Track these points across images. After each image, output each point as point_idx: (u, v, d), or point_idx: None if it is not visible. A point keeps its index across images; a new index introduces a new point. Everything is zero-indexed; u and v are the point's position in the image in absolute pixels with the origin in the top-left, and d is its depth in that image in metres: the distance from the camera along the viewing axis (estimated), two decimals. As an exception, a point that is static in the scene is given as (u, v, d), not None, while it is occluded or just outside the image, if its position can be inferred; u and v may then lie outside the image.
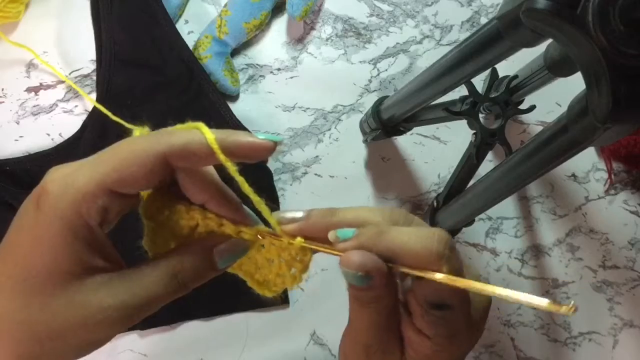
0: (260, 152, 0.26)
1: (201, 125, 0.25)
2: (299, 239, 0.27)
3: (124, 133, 0.27)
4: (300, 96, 0.62)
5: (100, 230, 0.25)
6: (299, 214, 0.27)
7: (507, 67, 0.53)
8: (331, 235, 0.26)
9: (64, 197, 0.23)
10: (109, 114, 0.54)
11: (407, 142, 0.62)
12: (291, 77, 0.62)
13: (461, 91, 0.51)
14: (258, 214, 0.27)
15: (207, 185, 0.27)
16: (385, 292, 0.25)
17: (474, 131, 0.52)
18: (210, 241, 0.27)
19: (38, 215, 0.24)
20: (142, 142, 0.25)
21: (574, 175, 0.64)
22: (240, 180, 0.25)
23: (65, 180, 0.24)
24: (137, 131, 0.28)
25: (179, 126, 0.27)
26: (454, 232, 0.55)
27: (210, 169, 0.28)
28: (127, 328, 0.26)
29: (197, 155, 0.25)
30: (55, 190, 0.24)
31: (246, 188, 0.25)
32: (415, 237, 0.24)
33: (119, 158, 0.24)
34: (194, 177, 0.27)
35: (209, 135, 0.25)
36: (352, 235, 0.25)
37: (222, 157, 0.25)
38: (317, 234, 0.27)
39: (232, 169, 0.25)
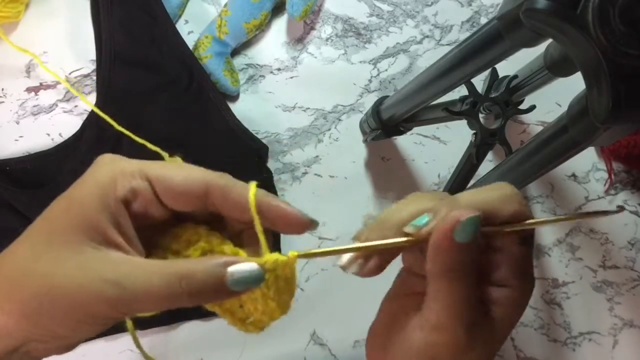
0: (293, 226, 0.27)
1: (253, 183, 0.27)
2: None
3: (124, 134, 0.28)
4: (300, 96, 0.62)
5: (125, 210, 0.26)
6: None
7: (507, 67, 0.53)
8: (408, 229, 0.26)
9: (107, 168, 0.26)
10: (107, 118, 0.54)
11: (407, 142, 0.62)
12: (291, 77, 0.62)
13: (461, 91, 0.51)
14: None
15: (246, 222, 0.28)
16: (476, 255, 0.26)
17: (474, 131, 0.52)
18: (226, 259, 0.26)
19: (81, 181, 0.26)
20: (194, 167, 0.28)
21: (574, 175, 0.64)
22: (262, 239, 0.26)
23: (115, 159, 0.27)
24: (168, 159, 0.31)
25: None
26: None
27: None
28: (116, 322, 0.26)
29: (234, 201, 0.27)
30: (102, 162, 0.27)
31: (264, 246, 0.26)
32: (487, 193, 0.26)
33: (168, 166, 0.27)
34: (235, 217, 0.28)
35: (252, 190, 0.26)
36: (428, 220, 0.26)
37: (254, 212, 0.26)
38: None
39: (258, 226, 0.26)
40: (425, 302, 0.27)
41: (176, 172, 0.27)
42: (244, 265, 0.25)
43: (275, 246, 0.27)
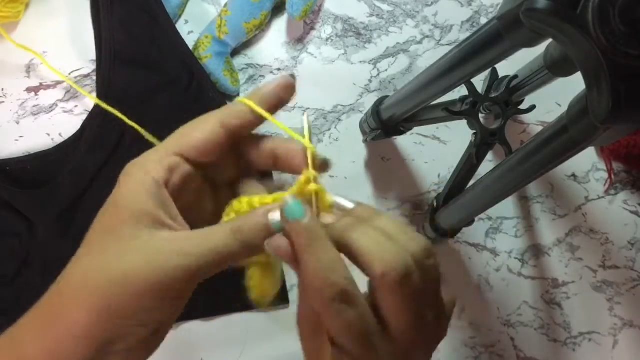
0: (285, 90, 0.31)
1: (241, 98, 0.31)
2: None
3: (125, 134, 0.28)
4: (300, 96, 0.62)
5: (167, 191, 0.28)
6: (350, 205, 0.29)
7: (507, 67, 0.53)
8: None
9: (137, 167, 0.28)
10: (113, 110, 0.54)
11: (407, 142, 0.62)
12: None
13: (461, 91, 0.51)
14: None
15: (269, 140, 0.32)
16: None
17: (474, 131, 0.52)
18: (265, 208, 0.28)
19: (117, 189, 0.28)
20: (202, 117, 0.30)
21: (574, 175, 0.64)
22: (280, 124, 0.31)
23: (138, 159, 0.29)
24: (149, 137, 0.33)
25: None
26: (454, 232, 0.55)
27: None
28: (189, 294, 0.27)
29: (244, 116, 0.30)
30: (131, 167, 0.28)
31: (286, 129, 0.31)
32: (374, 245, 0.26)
33: (183, 131, 0.30)
34: (255, 141, 0.32)
35: (246, 100, 0.30)
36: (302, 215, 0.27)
37: (258, 109, 0.30)
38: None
39: (269, 116, 0.30)
40: None
41: (194, 131, 0.29)
42: (280, 204, 0.28)
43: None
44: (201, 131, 0.29)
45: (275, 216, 0.27)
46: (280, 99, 0.31)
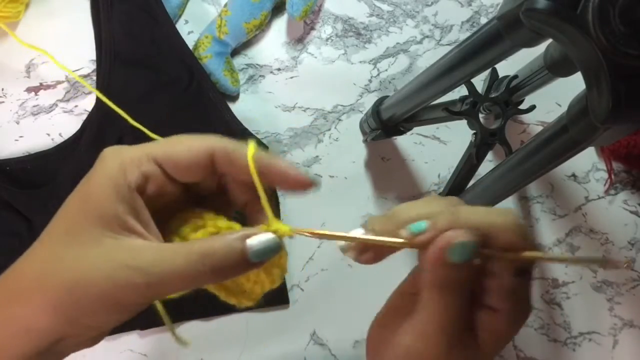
0: (294, 183, 0.28)
1: (252, 141, 0.28)
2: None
3: (125, 134, 0.28)
4: (300, 96, 0.62)
5: (139, 196, 0.27)
6: (359, 232, 0.27)
7: (507, 67, 0.53)
8: (404, 234, 0.26)
9: (114, 159, 0.26)
10: (116, 108, 0.54)
11: (407, 142, 0.62)
12: (291, 77, 0.62)
13: (461, 91, 0.51)
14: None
15: (251, 189, 0.29)
16: (471, 274, 0.26)
17: (474, 131, 0.52)
18: (243, 232, 0.26)
19: (90, 176, 0.26)
20: (194, 136, 0.28)
21: (574, 175, 0.64)
22: (262, 197, 0.27)
23: (119, 149, 0.27)
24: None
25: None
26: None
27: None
28: (145, 308, 0.26)
29: (237, 163, 0.28)
30: (108, 155, 0.27)
31: (266, 206, 0.27)
32: (490, 217, 0.26)
33: (170, 142, 0.28)
34: (240, 180, 0.29)
35: (251, 150, 0.27)
36: (426, 227, 0.25)
37: (253, 171, 0.27)
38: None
39: (258, 184, 0.27)
40: (417, 308, 0.27)
41: (180, 147, 0.28)
42: (261, 236, 0.26)
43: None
44: (189, 151, 0.27)
45: (255, 243, 0.25)
46: (281, 182, 0.28)
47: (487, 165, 0.61)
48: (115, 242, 0.25)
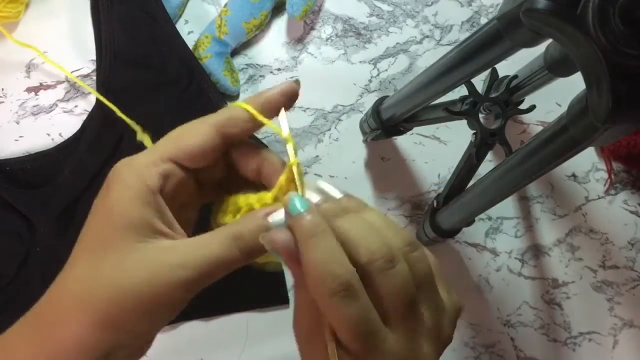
0: (288, 96, 0.30)
1: (239, 103, 0.30)
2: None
3: (125, 134, 0.28)
4: (300, 96, 0.62)
5: (161, 197, 0.27)
6: (338, 194, 0.28)
7: (507, 67, 0.53)
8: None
9: (128, 169, 0.27)
10: (115, 109, 0.54)
11: (407, 142, 0.62)
12: (291, 77, 0.62)
13: (461, 91, 0.51)
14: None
15: (257, 153, 0.30)
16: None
17: (474, 131, 0.52)
18: (264, 211, 0.27)
19: (108, 191, 0.26)
20: (195, 122, 0.29)
21: (574, 175, 0.64)
22: (277, 129, 0.29)
23: (130, 160, 0.27)
24: (140, 135, 0.32)
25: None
26: (454, 232, 0.55)
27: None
28: (192, 296, 0.26)
29: (242, 121, 0.29)
30: (121, 168, 0.27)
31: (287, 136, 0.29)
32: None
33: (176, 135, 0.29)
34: (245, 151, 0.30)
35: (245, 104, 0.29)
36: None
37: (258, 115, 0.29)
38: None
39: (268, 122, 0.29)
40: None
41: (189, 137, 0.28)
42: (280, 211, 0.27)
43: None
44: (197, 137, 0.28)
45: (276, 217, 0.27)
46: (281, 106, 0.30)
47: (487, 165, 0.61)
48: (148, 246, 0.25)
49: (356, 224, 0.26)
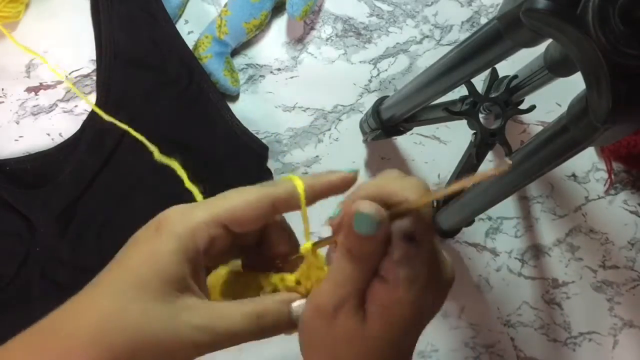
0: (342, 186, 0.29)
1: (294, 177, 0.29)
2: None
3: (125, 134, 0.28)
4: (300, 96, 0.62)
5: (203, 258, 0.27)
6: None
7: (507, 67, 0.53)
8: (327, 222, 0.28)
9: (182, 222, 0.27)
10: (107, 116, 0.54)
11: (407, 142, 0.62)
12: (291, 77, 0.62)
13: (461, 91, 0.51)
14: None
15: (291, 236, 0.31)
16: (380, 248, 0.25)
17: (474, 131, 0.52)
18: (288, 296, 0.29)
19: (157, 234, 0.26)
20: (254, 190, 0.28)
21: (574, 175, 0.64)
22: (305, 223, 0.29)
23: (184, 211, 0.27)
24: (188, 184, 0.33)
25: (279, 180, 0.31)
26: (454, 232, 0.55)
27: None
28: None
29: (296, 202, 0.29)
30: (175, 216, 0.27)
31: (306, 228, 0.29)
32: (389, 182, 0.26)
33: (232, 202, 0.28)
34: (282, 230, 0.31)
35: (301, 185, 0.29)
36: (338, 211, 0.27)
37: (303, 206, 0.29)
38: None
39: (304, 212, 0.29)
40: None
41: (241, 203, 0.28)
42: (303, 301, 0.28)
43: None
44: (254, 209, 0.28)
45: (297, 306, 0.28)
46: (330, 193, 0.30)
47: (487, 165, 0.61)
48: (180, 302, 0.26)
49: (389, 178, 0.27)
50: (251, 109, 0.61)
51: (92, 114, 0.56)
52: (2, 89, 0.59)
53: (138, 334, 0.25)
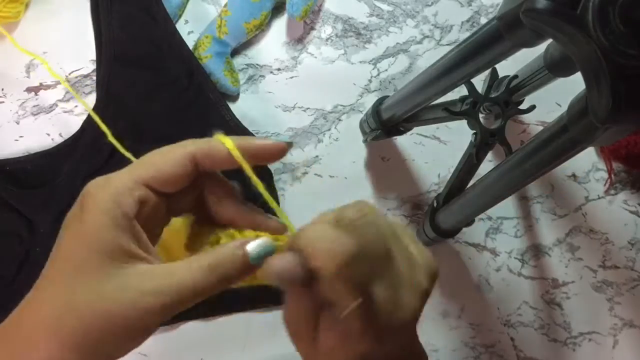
0: (274, 153, 0.30)
1: (222, 135, 0.30)
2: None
3: (124, 135, 0.28)
4: (300, 96, 0.62)
5: (137, 222, 0.27)
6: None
7: (507, 67, 0.53)
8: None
9: (104, 193, 0.26)
10: (102, 124, 0.54)
11: (407, 142, 0.62)
12: (291, 77, 0.62)
13: (461, 91, 0.51)
14: (268, 210, 0.30)
15: (234, 203, 0.31)
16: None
17: (474, 131, 0.52)
18: (241, 241, 0.28)
19: (82, 214, 0.26)
20: (172, 147, 0.29)
21: (574, 175, 0.64)
22: (255, 179, 0.29)
23: (103, 181, 0.27)
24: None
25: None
26: (454, 232, 0.55)
27: (236, 193, 0.32)
28: (162, 323, 0.27)
29: (219, 157, 0.29)
30: (95, 190, 0.27)
31: (260, 188, 0.29)
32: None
33: (152, 160, 0.28)
34: (221, 197, 0.31)
35: (229, 141, 0.29)
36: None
37: (239, 158, 0.29)
38: None
39: (247, 168, 0.29)
40: None
41: (163, 162, 0.28)
42: (257, 241, 0.27)
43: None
44: (172, 165, 0.28)
45: (253, 248, 0.27)
46: (261, 157, 0.30)
47: (487, 165, 0.61)
48: (125, 271, 0.25)
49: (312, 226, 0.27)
50: (251, 109, 0.61)
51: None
52: (2, 89, 0.59)
53: (93, 314, 0.25)
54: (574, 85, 0.36)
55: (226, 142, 0.29)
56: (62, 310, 0.25)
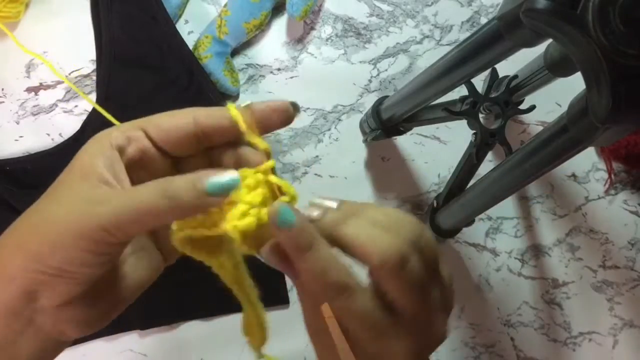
0: (280, 115, 0.29)
1: (234, 105, 0.29)
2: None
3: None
4: (300, 96, 0.62)
5: (118, 154, 0.28)
6: (333, 204, 0.28)
7: (507, 67, 0.53)
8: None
9: (103, 133, 0.29)
10: (109, 116, 0.54)
11: (407, 142, 0.62)
12: (291, 77, 0.62)
13: (461, 91, 0.51)
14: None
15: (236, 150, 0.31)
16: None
17: (474, 131, 0.52)
18: (205, 172, 0.27)
19: (85, 145, 0.29)
20: (177, 110, 0.30)
21: (574, 175, 0.64)
22: (259, 142, 0.29)
23: (109, 129, 0.29)
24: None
25: None
26: (454, 232, 0.55)
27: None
28: (114, 253, 0.27)
29: (223, 123, 0.29)
30: (98, 134, 0.29)
31: (264, 146, 0.29)
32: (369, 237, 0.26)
33: (156, 115, 0.30)
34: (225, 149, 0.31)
35: (233, 107, 0.29)
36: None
37: (242, 125, 0.28)
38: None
39: (250, 134, 0.28)
40: None
41: (167, 118, 0.30)
42: (222, 173, 0.27)
43: None
44: (171, 119, 0.30)
45: (214, 179, 0.26)
46: (270, 122, 0.29)
47: (487, 165, 0.61)
48: (91, 189, 0.27)
49: (361, 227, 0.26)
50: (251, 109, 0.61)
51: (92, 114, 0.56)
52: (2, 89, 0.59)
53: (41, 220, 0.26)
54: (574, 85, 0.36)
55: (231, 109, 0.29)
56: (29, 228, 0.27)
